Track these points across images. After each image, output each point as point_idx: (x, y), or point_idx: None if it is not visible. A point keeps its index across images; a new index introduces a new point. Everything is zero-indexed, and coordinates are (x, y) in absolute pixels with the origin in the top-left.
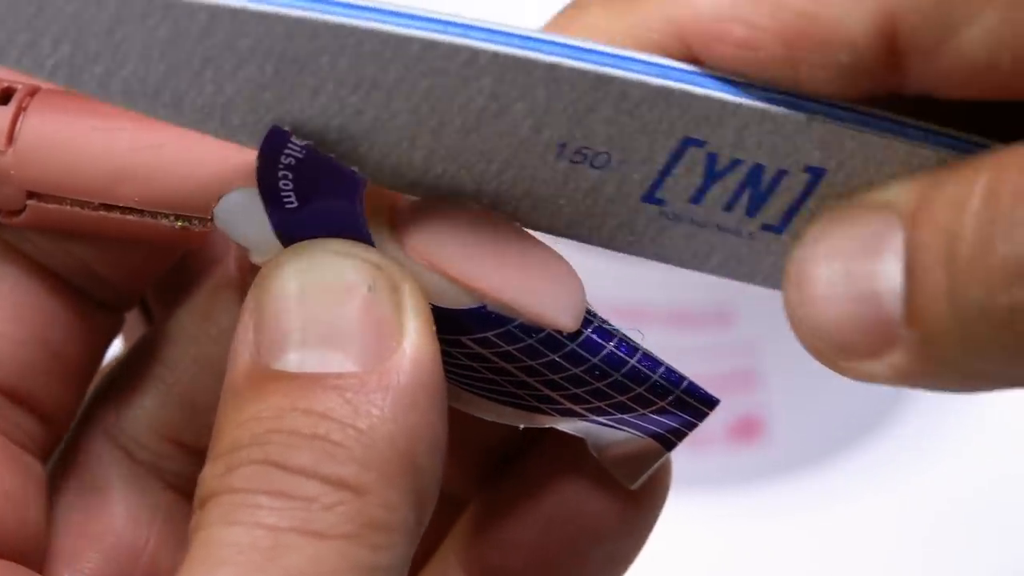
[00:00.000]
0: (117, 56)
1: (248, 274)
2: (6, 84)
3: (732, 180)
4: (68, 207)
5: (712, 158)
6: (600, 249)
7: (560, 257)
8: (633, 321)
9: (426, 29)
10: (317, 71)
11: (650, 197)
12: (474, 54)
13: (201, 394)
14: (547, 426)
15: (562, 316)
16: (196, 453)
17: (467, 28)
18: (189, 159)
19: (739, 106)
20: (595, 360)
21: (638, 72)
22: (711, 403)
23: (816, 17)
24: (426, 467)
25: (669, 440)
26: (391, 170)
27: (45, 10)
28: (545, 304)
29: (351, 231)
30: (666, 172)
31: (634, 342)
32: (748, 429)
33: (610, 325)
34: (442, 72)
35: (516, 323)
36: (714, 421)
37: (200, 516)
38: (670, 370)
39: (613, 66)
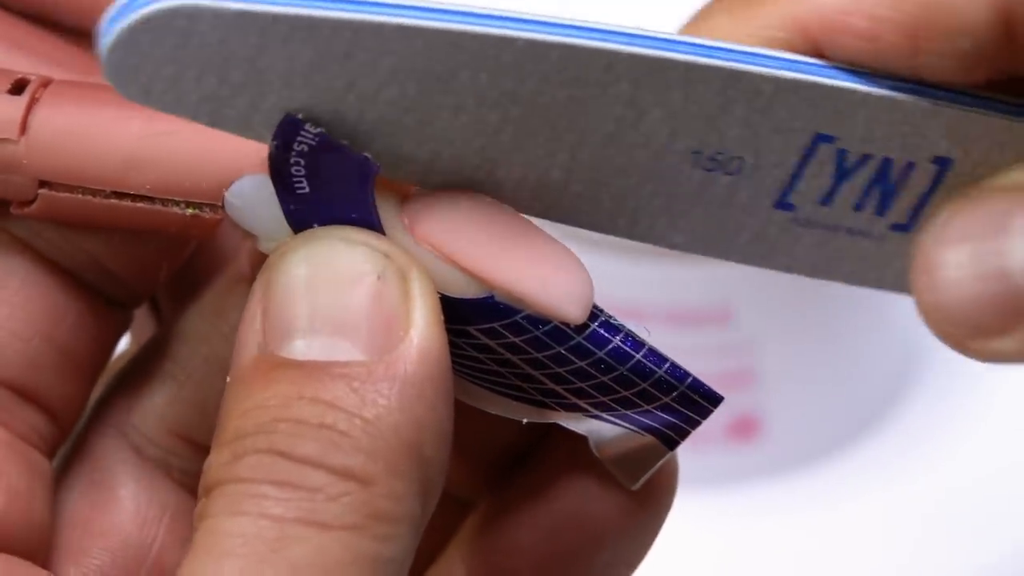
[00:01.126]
0: (261, 86)
1: (258, 270)
2: (19, 75)
3: (861, 177)
4: (80, 196)
5: (842, 154)
6: (599, 246)
7: (568, 250)
8: (632, 320)
9: (563, 36)
10: (458, 88)
11: (782, 202)
12: (613, 58)
13: (212, 392)
14: (551, 421)
15: (570, 308)
16: (206, 451)
17: (603, 32)
18: (200, 146)
19: (867, 95)
20: (601, 354)
21: (768, 67)
22: (715, 400)
23: (937, 6)
24: (432, 458)
25: (671, 438)
26: (529, 193)
27: (190, 39)
28: (553, 295)
29: (362, 218)
30: (798, 173)
31: (640, 337)
32: (746, 428)
33: (616, 320)
34: (581, 81)
35: (523, 314)
36: (712, 420)
37: (205, 505)
38: (675, 366)
39: (745, 62)
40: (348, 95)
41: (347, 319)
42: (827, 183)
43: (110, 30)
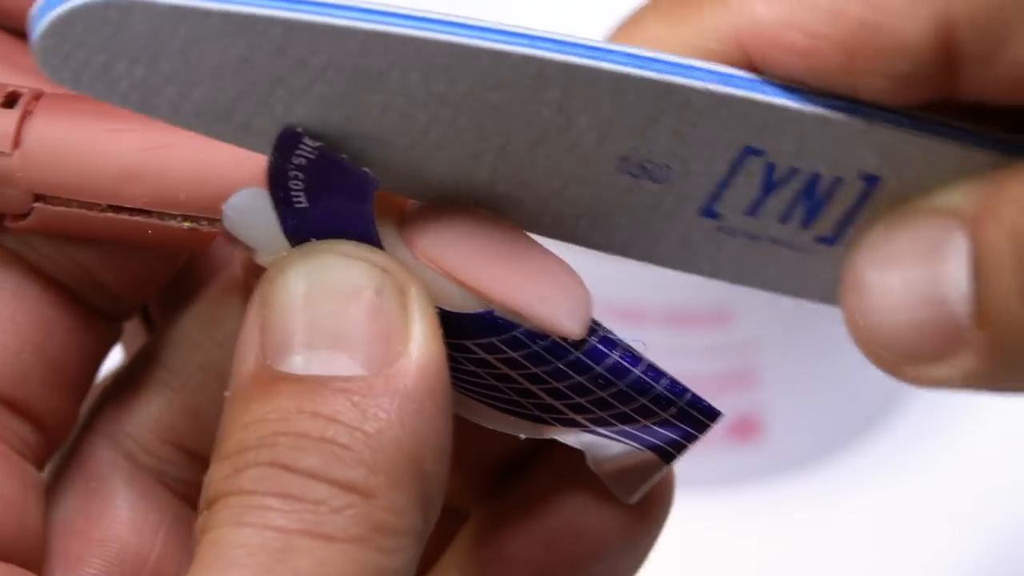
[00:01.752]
0: (190, 77)
1: (254, 279)
2: (11, 88)
3: (789, 190)
4: (75, 209)
5: (770, 168)
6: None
7: (567, 264)
8: (631, 321)
9: (495, 41)
10: (387, 87)
11: (708, 211)
12: (544, 65)
13: (207, 400)
14: (548, 437)
15: (568, 323)
16: (201, 459)
17: (535, 39)
18: (198, 159)
19: (800, 112)
20: (599, 369)
21: (701, 80)
22: (714, 416)
23: (875, 25)
24: (433, 472)
25: (669, 453)
26: (453, 189)
27: (122, 31)
28: (552, 310)
29: (360, 232)
30: (725, 184)
31: (638, 352)
32: (746, 429)
33: (615, 335)
34: (510, 85)
35: (522, 329)
36: None
37: (208, 517)
38: (674, 382)
39: (677, 74)
40: (277, 88)
41: (346, 334)
42: (754, 194)
43: (43, 15)
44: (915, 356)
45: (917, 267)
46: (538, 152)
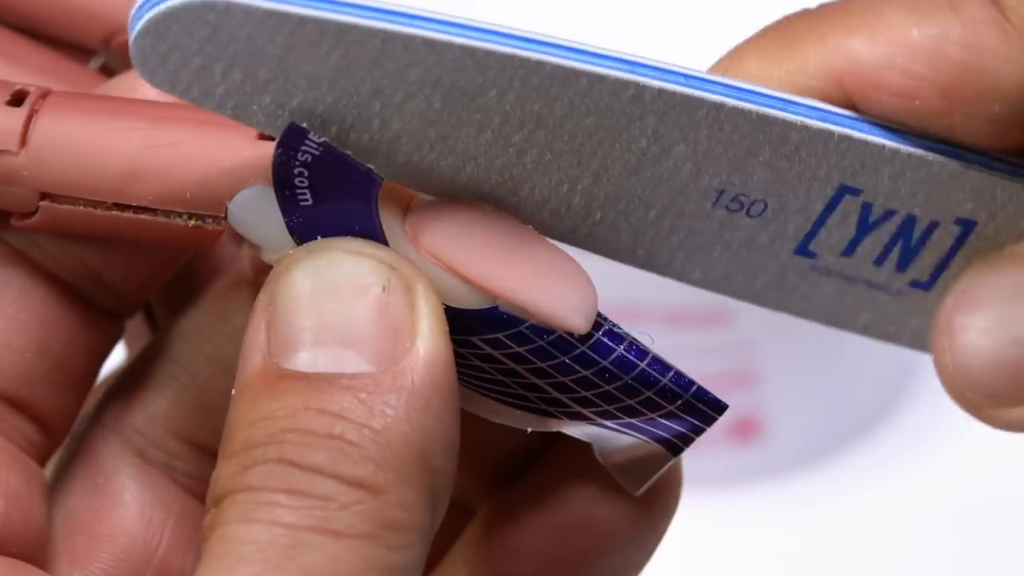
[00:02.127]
0: (287, 86)
1: (262, 274)
2: (18, 87)
3: (884, 232)
4: (81, 208)
5: (866, 208)
6: None
7: (572, 260)
8: (632, 321)
9: (593, 63)
10: (484, 106)
11: (803, 249)
12: (640, 90)
13: (215, 394)
14: (555, 430)
15: (574, 318)
16: (209, 454)
17: (633, 64)
18: (203, 157)
19: (897, 152)
20: (605, 363)
21: (799, 114)
22: (720, 408)
23: (975, 69)
24: (440, 468)
25: (676, 445)
26: (550, 215)
27: (219, 33)
28: (557, 306)
29: (365, 229)
30: (820, 222)
31: (644, 346)
32: (746, 429)
33: (620, 329)
34: (608, 110)
35: (528, 324)
36: None
37: (216, 514)
38: (679, 375)
39: (775, 107)
40: (374, 102)
41: (353, 331)
42: (849, 234)
43: (139, 16)
44: (997, 398)
45: (1007, 308)
46: (634, 180)
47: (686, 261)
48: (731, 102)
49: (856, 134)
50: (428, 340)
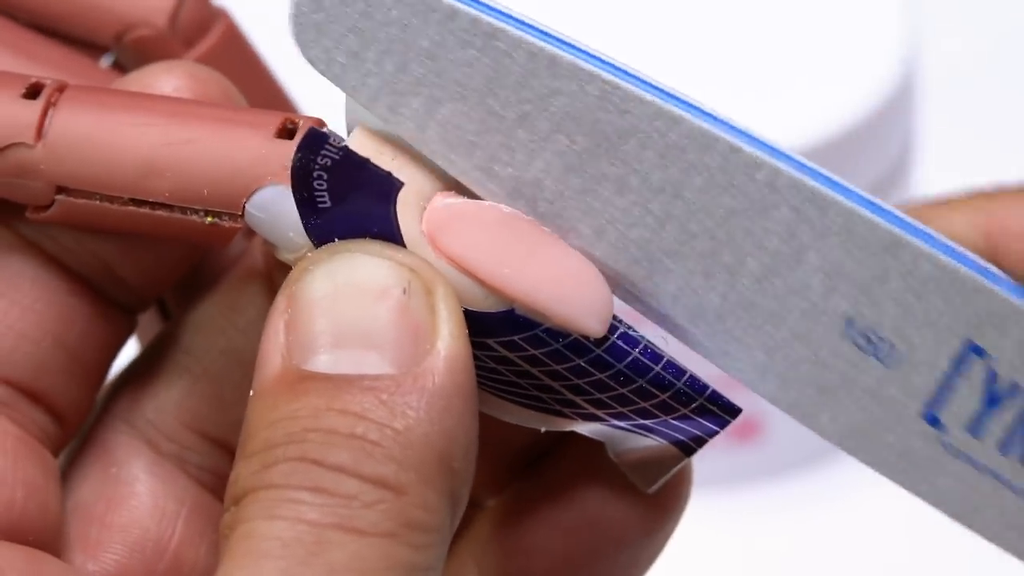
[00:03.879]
0: (437, 91)
1: (276, 268)
2: (34, 80)
3: (1009, 411)
4: (97, 202)
5: (992, 376)
6: None
7: (588, 263)
8: (633, 321)
9: (731, 133)
10: (625, 158)
11: (931, 416)
12: (775, 174)
13: (228, 385)
14: (568, 430)
15: (590, 321)
16: (222, 446)
17: (772, 149)
18: (221, 154)
19: (1022, 312)
20: (620, 366)
21: (933, 247)
22: (734, 411)
23: None
24: (460, 469)
25: (689, 446)
26: (685, 312)
27: (373, 9)
28: (573, 309)
29: (383, 232)
30: (947, 385)
31: (659, 349)
32: (746, 429)
33: (635, 331)
34: (742, 191)
35: (544, 327)
36: None
37: (237, 512)
38: (694, 378)
39: (908, 232)
40: (518, 130)
41: (374, 333)
42: (976, 406)
43: None
44: None
45: None
46: (767, 287)
47: (817, 402)
48: (864, 212)
49: (984, 281)
50: (448, 342)
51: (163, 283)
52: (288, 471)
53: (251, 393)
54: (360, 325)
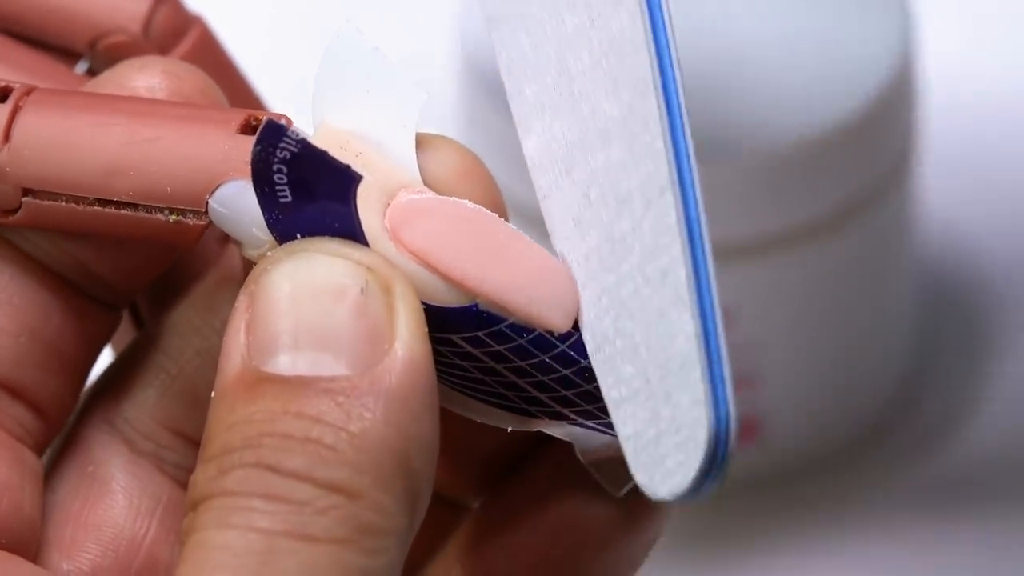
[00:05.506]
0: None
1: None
2: (3, 83)
3: None
4: (63, 204)
5: None
6: None
7: (553, 258)
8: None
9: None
10: None
11: None
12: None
13: (204, 386)
14: (535, 430)
15: (554, 315)
16: (198, 445)
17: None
18: (184, 152)
19: None
20: (585, 363)
21: None
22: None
23: None
24: (419, 470)
25: None
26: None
27: None
28: (536, 303)
29: (345, 227)
30: None
31: None
32: (746, 429)
33: None
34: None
35: (507, 322)
36: None
37: (193, 519)
38: None
39: None
40: None
41: (331, 334)
42: None
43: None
44: None
45: None
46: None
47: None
48: None
49: None
50: (406, 342)
51: (141, 279)
52: (243, 477)
53: (212, 394)
54: (318, 326)
